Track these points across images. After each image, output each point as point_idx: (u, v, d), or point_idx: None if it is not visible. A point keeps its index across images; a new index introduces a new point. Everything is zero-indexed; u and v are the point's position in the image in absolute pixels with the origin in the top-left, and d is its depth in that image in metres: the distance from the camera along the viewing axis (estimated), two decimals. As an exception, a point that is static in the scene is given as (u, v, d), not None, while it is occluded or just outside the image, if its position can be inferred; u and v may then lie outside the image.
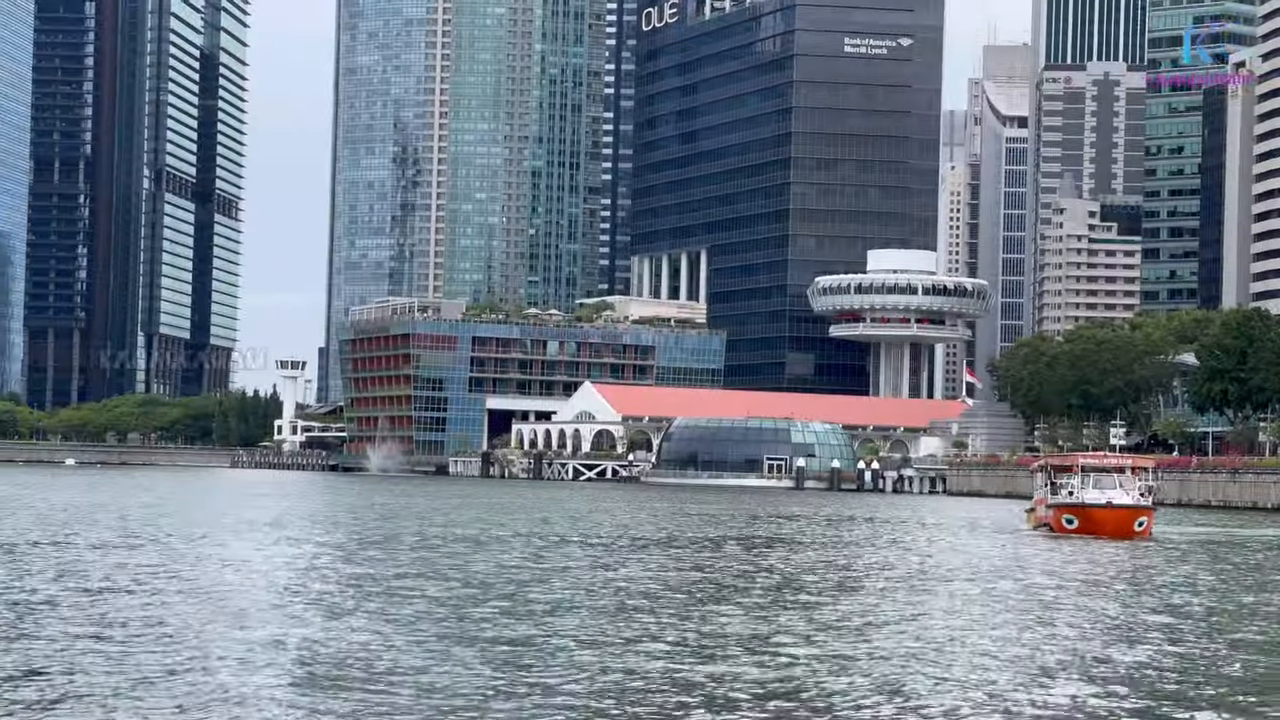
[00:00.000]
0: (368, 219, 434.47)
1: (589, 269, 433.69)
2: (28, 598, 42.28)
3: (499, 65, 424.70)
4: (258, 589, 46.92)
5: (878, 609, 44.41)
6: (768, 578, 55.13)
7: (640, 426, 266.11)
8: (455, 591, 46.56)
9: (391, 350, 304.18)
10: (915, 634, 38.04)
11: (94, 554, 59.20)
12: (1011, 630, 39.06)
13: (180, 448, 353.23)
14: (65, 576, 49.02)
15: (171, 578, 49.44)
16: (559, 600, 44.17)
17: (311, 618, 38.75)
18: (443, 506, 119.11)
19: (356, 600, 43.28)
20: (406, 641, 34.02)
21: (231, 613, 39.62)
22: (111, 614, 38.43)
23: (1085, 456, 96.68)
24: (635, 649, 32.93)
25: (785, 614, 41.95)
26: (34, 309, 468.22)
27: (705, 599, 46.05)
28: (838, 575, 57.02)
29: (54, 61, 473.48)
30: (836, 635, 36.92)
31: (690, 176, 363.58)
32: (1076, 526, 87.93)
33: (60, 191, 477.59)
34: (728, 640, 35.19)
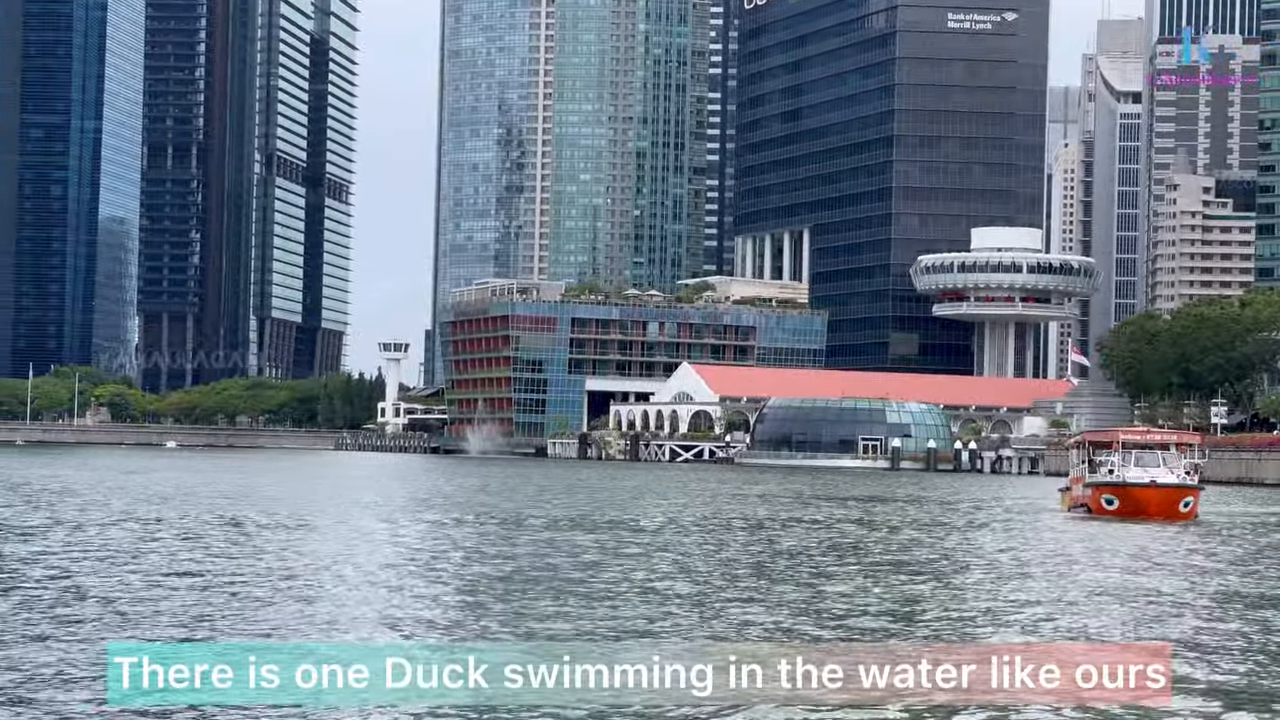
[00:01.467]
0: (473, 201, 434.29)
1: (694, 250, 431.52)
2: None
3: (603, 46, 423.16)
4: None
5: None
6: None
7: (738, 407, 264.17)
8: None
9: (491, 332, 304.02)
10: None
11: (270, 534, 60.97)
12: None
13: (286, 430, 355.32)
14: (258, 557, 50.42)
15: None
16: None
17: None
18: (555, 488, 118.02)
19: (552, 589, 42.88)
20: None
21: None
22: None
23: (1126, 432, 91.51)
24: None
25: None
26: (148, 294, 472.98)
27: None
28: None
29: (166, 48, 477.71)
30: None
31: (793, 155, 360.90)
32: (1117, 507, 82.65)
33: (173, 177, 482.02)
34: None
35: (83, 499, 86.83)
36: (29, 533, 59.49)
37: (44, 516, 69.49)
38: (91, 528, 62.64)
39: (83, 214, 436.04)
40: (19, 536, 57.30)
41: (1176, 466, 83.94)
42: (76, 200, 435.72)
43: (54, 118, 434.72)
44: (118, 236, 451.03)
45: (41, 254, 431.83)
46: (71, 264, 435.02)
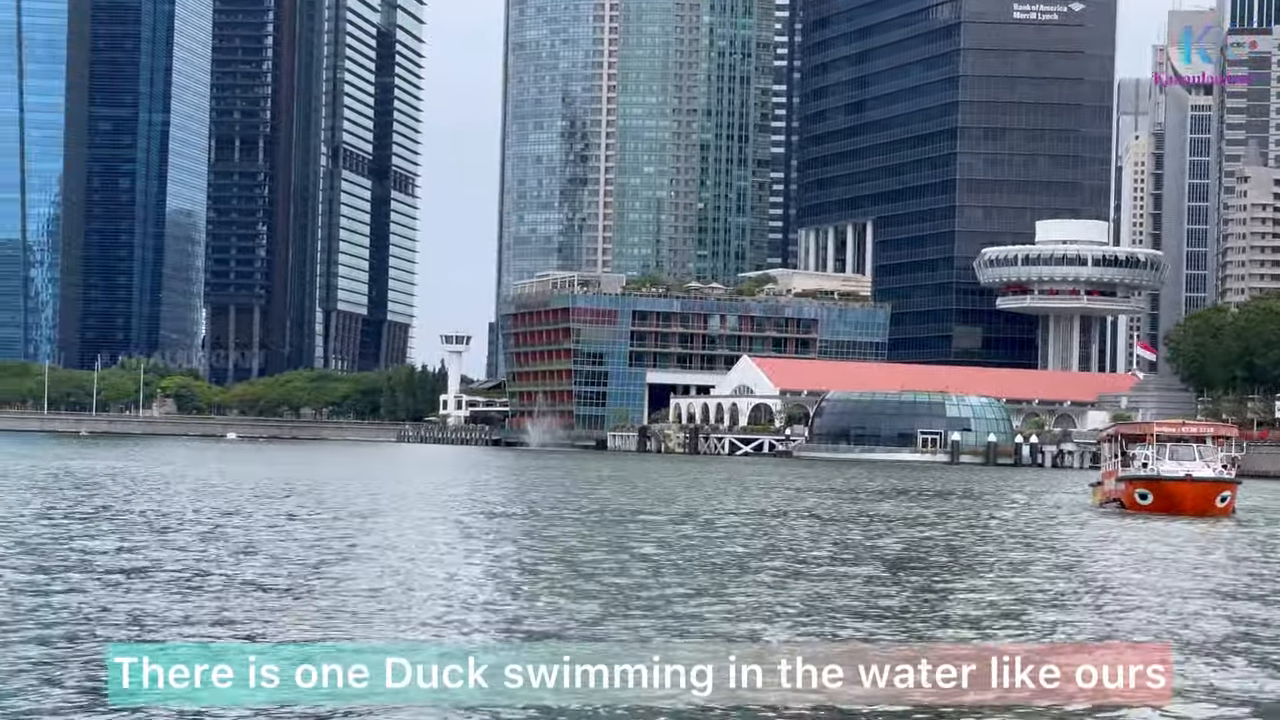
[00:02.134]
0: (536, 194, 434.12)
1: (758, 242, 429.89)
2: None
3: (667, 38, 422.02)
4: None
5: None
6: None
7: (798, 400, 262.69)
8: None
9: (552, 325, 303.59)
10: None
11: (355, 523, 62.30)
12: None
13: (349, 422, 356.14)
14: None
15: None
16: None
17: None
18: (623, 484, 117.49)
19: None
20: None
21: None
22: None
23: (1161, 425, 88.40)
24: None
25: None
26: (215, 286, 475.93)
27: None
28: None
29: (234, 41, 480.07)
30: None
31: (857, 148, 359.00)
32: (1151, 503, 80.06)
33: (240, 170, 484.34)
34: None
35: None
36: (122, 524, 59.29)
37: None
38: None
39: (150, 207, 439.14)
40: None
41: (1213, 460, 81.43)
42: (144, 193, 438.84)
43: (122, 111, 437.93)
44: (185, 229, 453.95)
45: (110, 246, 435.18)
46: (139, 256, 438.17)
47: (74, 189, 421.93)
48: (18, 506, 68.99)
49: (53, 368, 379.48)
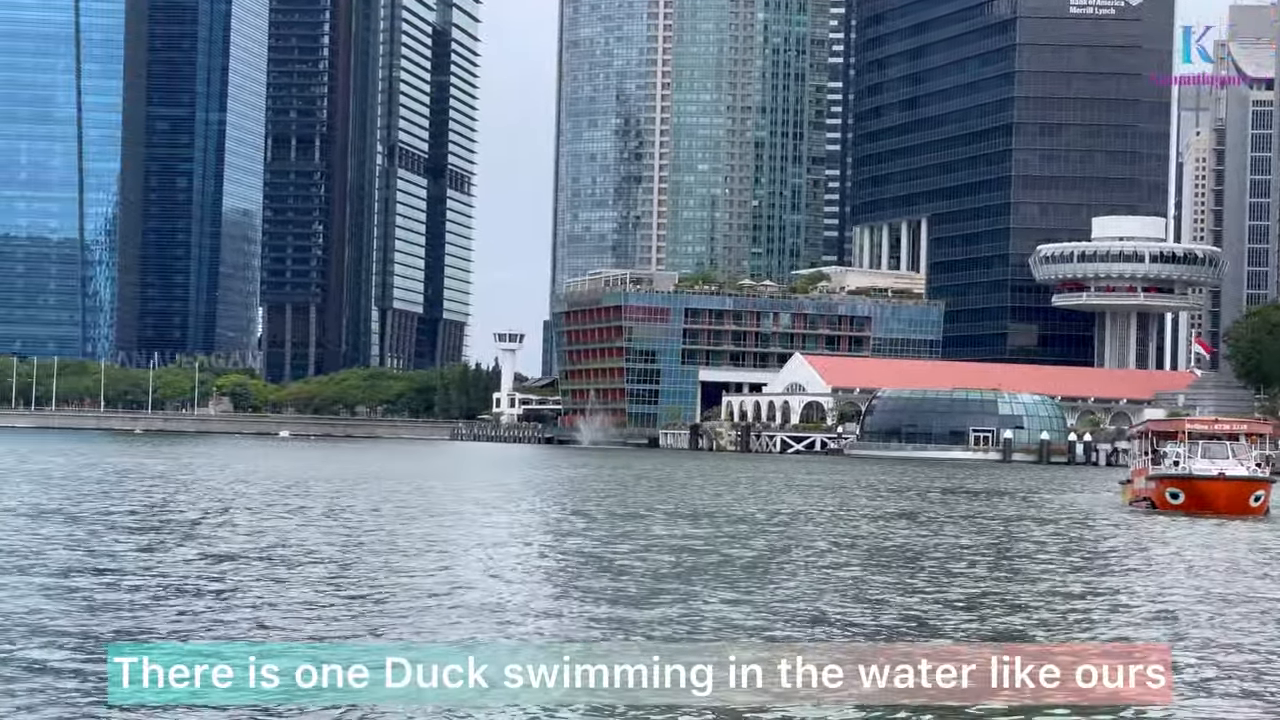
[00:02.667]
0: (590, 192, 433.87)
1: (813, 240, 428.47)
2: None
3: (721, 35, 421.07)
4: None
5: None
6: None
7: (850, 398, 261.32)
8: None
9: (604, 323, 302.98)
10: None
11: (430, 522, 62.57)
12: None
13: (403, 420, 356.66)
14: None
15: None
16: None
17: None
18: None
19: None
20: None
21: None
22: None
23: (1193, 421, 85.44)
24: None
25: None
26: (271, 284, 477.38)
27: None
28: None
29: (290, 41, 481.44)
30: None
31: (911, 144, 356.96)
32: (1182, 502, 77.20)
33: (297, 169, 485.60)
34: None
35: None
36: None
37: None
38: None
39: (207, 206, 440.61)
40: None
41: (1246, 458, 78.49)
42: (201, 192, 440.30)
43: (179, 110, 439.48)
44: (241, 228, 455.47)
45: (167, 245, 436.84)
46: (196, 255, 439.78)
47: (131, 188, 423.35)
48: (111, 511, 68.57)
49: (109, 366, 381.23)
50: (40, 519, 58.60)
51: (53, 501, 69.52)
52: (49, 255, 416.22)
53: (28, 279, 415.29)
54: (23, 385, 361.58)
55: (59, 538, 50.35)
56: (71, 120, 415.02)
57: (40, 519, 58.60)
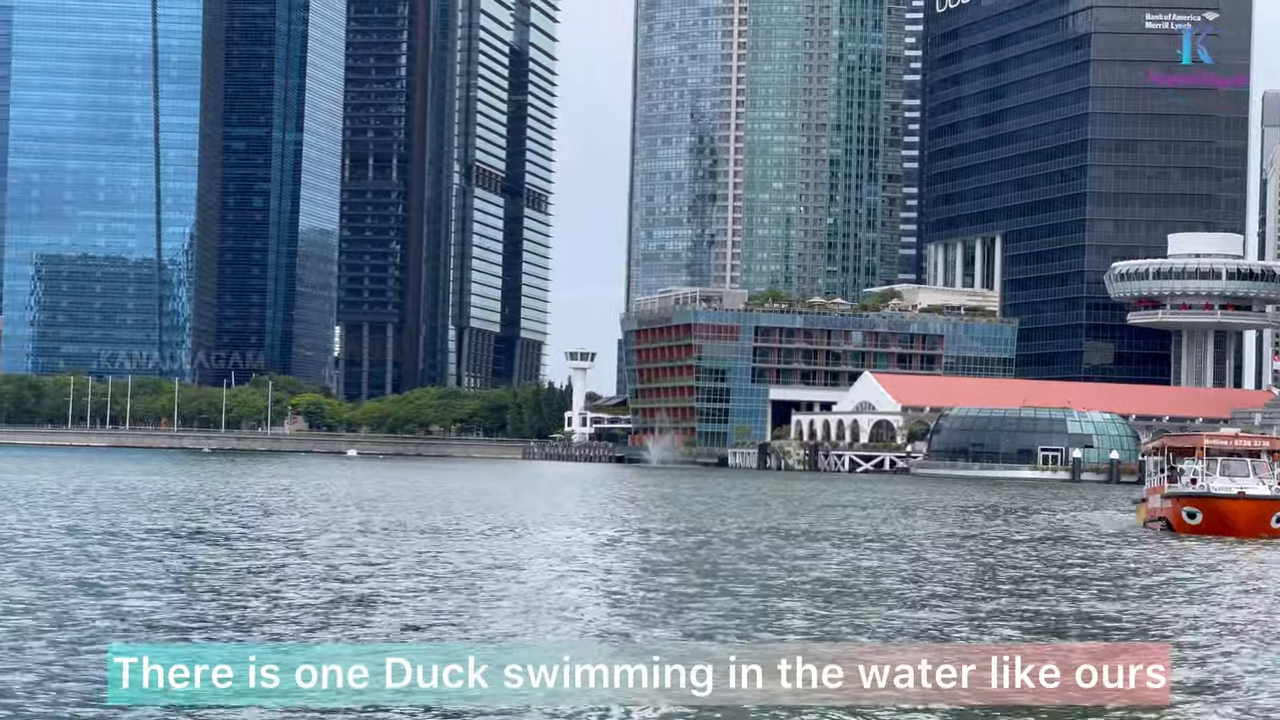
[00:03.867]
0: (665, 210, 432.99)
1: (888, 258, 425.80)
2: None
3: (796, 52, 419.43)
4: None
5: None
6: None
7: (920, 417, 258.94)
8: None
9: (674, 341, 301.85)
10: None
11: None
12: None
13: (475, 439, 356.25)
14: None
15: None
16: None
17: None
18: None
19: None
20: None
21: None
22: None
23: (1211, 437, 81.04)
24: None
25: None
26: (349, 304, 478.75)
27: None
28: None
29: (368, 61, 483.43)
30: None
31: (985, 161, 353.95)
32: (1200, 522, 73.11)
33: (374, 188, 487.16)
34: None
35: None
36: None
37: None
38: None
39: (283, 225, 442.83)
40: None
41: (1268, 476, 74.57)
42: (278, 212, 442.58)
43: (256, 130, 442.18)
44: (318, 247, 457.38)
45: (243, 265, 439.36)
46: (272, 274, 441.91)
47: (208, 208, 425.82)
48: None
49: (185, 385, 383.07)
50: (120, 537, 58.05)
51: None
52: (127, 275, 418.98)
53: (105, 299, 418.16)
54: (99, 404, 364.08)
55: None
56: (149, 141, 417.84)
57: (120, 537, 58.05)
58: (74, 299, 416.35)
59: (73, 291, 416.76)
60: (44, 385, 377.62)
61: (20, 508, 78.36)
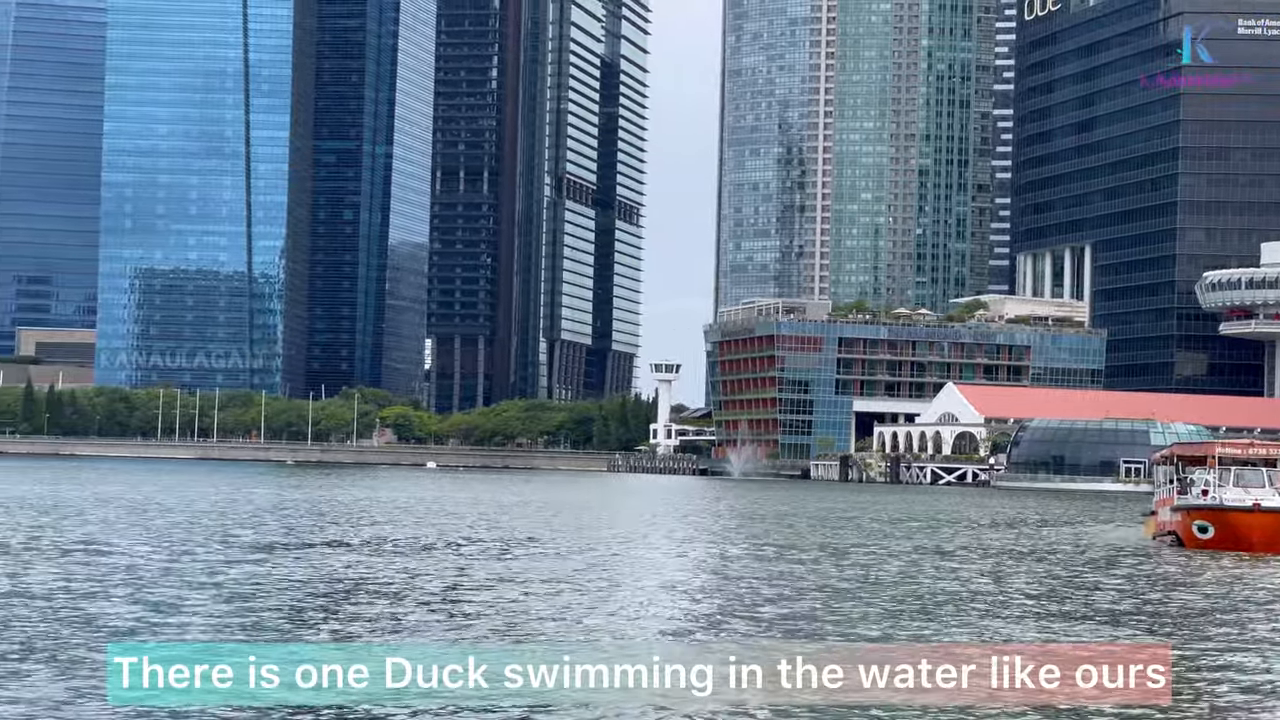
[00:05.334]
0: (753, 221, 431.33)
1: (978, 269, 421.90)
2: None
3: (884, 62, 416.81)
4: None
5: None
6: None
7: (1003, 429, 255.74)
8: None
9: (757, 352, 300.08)
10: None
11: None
12: None
13: (561, 452, 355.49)
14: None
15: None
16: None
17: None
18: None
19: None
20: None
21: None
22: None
23: (1224, 445, 75.48)
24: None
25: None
26: (440, 316, 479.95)
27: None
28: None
29: (458, 74, 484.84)
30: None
31: (1075, 170, 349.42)
32: (1212, 536, 68.56)
33: (465, 201, 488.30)
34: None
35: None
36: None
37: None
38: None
39: (374, 238, 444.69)
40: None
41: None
42: (368, 225, 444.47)
43: (346, 144, 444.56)
44: (409, 260, 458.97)
45: (334, 278, 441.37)
46: (363, 287, 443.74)
47: (299, 221, 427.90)
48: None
49: (275, 398, 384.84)
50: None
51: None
52: (218, 289, 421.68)
53: (197, 312, 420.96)
54: (189, 417, 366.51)
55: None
56: (241, 155, 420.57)
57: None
58: (166, 312, 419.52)
59: (165, 305, 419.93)
60: (135, 398, 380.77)
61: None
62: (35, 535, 65.58)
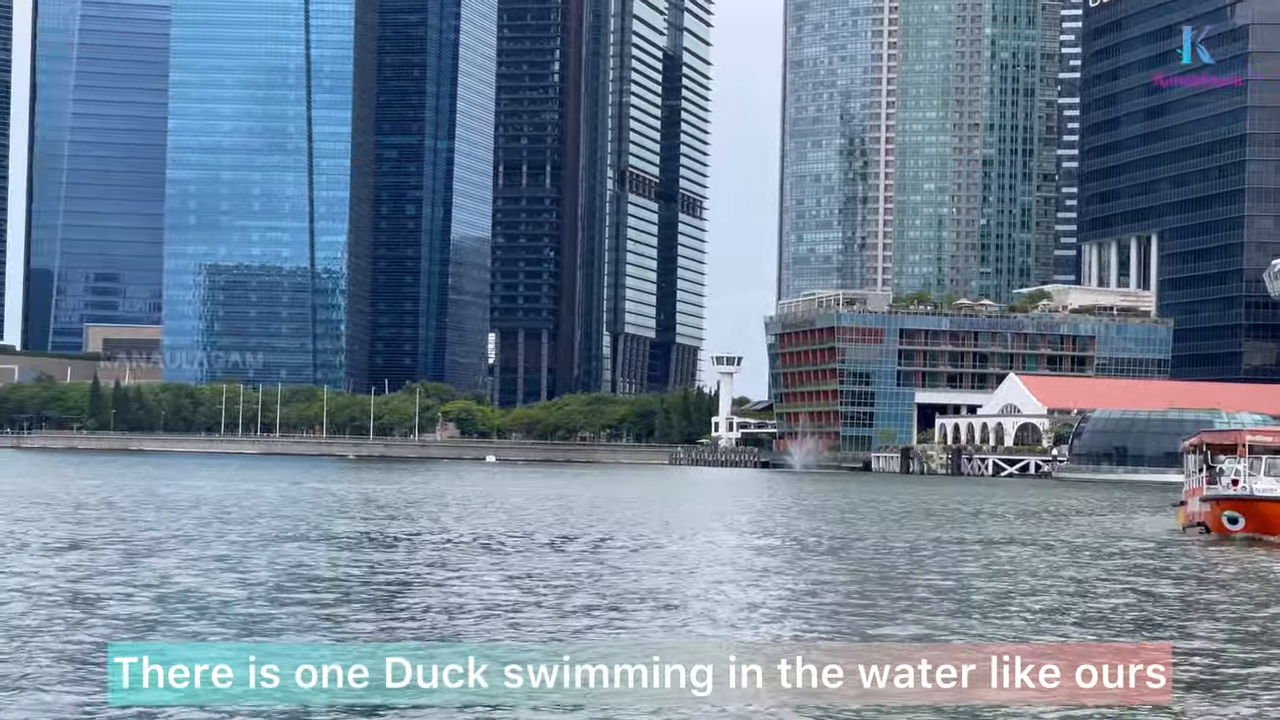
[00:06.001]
0: (815, 213, 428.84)
1: (1043, 259, 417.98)
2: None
3: (947, 51, 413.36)
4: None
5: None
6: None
7: (1066, 419, 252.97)
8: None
9: (818, 344, 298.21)
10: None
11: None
12: None
13: (623, 445, 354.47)
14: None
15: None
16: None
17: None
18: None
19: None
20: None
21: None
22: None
23: (1254, 432, 72.90)
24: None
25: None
26: (503, 310, 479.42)
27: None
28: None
29: (520, 67, 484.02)
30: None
31: (1141, 158, 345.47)
32: (1242, 527, 65.80)
33: (528, 195, 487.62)
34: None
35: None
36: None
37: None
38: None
39: (436, 233, 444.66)
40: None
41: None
42: (430, 219, 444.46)
43: (408, 138, 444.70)
44: (472, 254, 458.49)
45: (396, 272, 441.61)
46: (425, 282, 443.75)
47: (361, 217, 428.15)
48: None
49: (337, 393, 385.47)
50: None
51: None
52: (281, 284, 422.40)
53: (261, 308, 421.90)
54: (253, 412, 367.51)
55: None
56: (303, 151, 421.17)
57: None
58: (231, 308, 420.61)
59: (229, 301, 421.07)
60: (200, 393, 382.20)
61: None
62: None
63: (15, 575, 45.02)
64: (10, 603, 38.84)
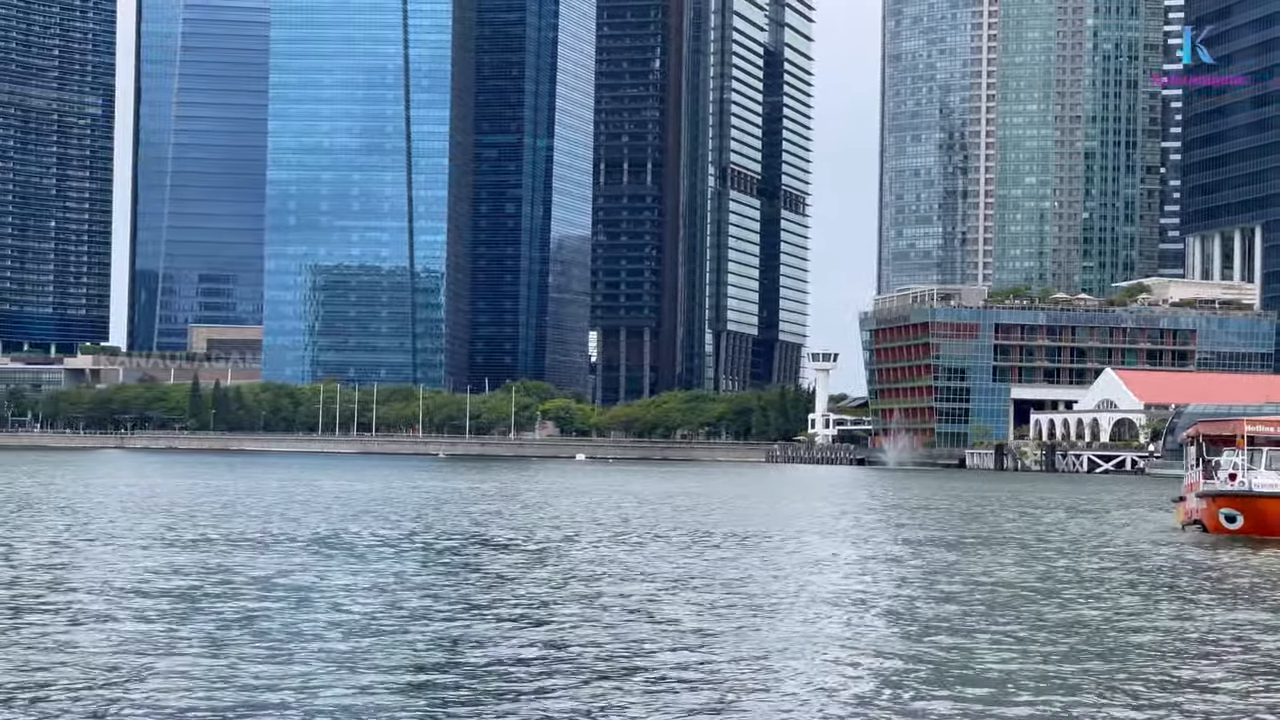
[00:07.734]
0: (914, 208, 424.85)
1: (1147, 251, 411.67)
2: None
3: (1048, 43, 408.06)
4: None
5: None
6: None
7: (1164, 415, 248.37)
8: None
9: (912, 340, 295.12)
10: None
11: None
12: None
13: (720, 443, 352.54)
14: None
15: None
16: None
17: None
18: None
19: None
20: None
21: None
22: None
23: (1253, 423, 67.26)
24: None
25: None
26: (605, 309, 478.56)
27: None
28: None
29: (620, 65, 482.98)
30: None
31: (1247, 148, 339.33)
32: (1240, 525, 61.44)
33: (629, 193, 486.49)
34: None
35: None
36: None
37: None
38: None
39: (535, 231, 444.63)
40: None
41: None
42: (530, 218, 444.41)
43: (507, 138, 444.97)
44: (572, 253, 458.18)
45: (496, 271, 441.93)
46: (525, 281, 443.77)
47: (461, 216, 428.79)
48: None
49: (434, 392, 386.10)
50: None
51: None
52: (380, 284, 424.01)
53: (360, 308, 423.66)
54: (351, 412, 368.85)
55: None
56: (402, 151, 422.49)
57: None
58: (331, 308, 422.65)
59: (330, 301, 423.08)
60: (300, 393, 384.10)
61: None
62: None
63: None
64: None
